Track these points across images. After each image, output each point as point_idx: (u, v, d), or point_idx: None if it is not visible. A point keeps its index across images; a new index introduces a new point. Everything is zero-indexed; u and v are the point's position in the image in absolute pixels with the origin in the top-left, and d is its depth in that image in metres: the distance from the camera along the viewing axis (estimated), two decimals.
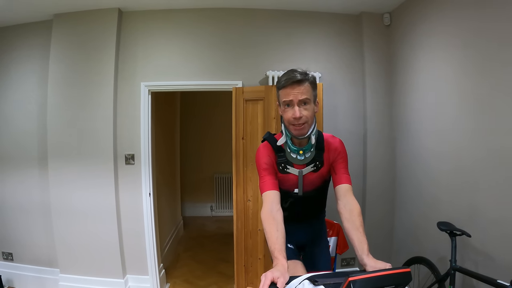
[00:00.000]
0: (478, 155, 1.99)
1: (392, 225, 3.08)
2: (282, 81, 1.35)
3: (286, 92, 1.35)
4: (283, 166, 1.49)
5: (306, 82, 1.34)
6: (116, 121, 2.91)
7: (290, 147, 1.45)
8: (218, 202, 5.80)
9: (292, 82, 1.32)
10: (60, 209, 2.89)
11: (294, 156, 1.45)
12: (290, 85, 1.33)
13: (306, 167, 1.49)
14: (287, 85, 1.34)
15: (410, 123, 2.76)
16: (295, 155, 1.45)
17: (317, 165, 1.49)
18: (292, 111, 1.35)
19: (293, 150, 1.44)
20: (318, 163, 1.49)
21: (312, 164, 1.49)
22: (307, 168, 1.49)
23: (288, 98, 1.34)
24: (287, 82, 1.33)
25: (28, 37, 3.02)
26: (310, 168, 1.49)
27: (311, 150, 1.46)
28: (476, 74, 2.00)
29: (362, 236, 1.26)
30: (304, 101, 1.34)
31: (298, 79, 1.32)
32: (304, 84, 1.34)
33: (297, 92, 1.33)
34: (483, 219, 1.95)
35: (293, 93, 1.33)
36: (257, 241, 2.73)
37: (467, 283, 2.03)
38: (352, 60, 3.08)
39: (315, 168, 1.49)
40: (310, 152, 1.46)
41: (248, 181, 2.74)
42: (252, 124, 2.74)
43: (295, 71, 1.36)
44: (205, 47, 2.97)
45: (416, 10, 2.62)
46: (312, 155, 1.47)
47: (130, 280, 2.99)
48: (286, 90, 1.34)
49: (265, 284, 1.03)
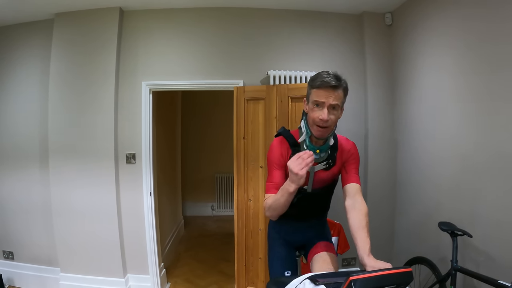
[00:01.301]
0: (480, 155, 1.98)
1: (393, 225, 3.07)
2: (318, 82, 1.36)
3: (319, 93, 1.36)
4: None
5: (340, 89, 1.37)
6: (117, 120, 2.91)
7: (308, 145, 1.47)
8: (219, 202, 5.81)
9: (329, 86, 1.34)
10: (60, 208, 2.89)
11: None
12: (325, 88, 1.34)
13: (318, 164, 1.51)
14: (322, 87, 1.35)
15: (411, 124, 2.75)
16: None
17: (329, 163, 1.52)
18: (321, 112, 1.37)
19: (311, 148, 1.46)
20: (330, 161, 1.52)
21: (324, 162, 1.51)
22: (319, 165, 1.51)
23: (320, 100, 1.36)
24: (323, 85, 1.34)
25: (29, 36, 3.03)
26: (322, 166, 1.51)
27: (327, 150, 1.50)
28: (479, 74, 1.99)
29: (366, 236, 1.27)
30: (333, 106, 1.37)
31: (334, 84, 1.34)
32: (338, 91, 1.36)
33: (331, 97, 1.35)
34: (484, 219, 1.95)
35: (325, 96, 1.35)
36: (258, 240, 2.73)
37: (468, 284, 2.02)
38: (353, 60, 3.07)
39: (327, 166, 1.52)
40: (325, 152, 1.50)
41: (249, 181, 2.74)
42: (253, 123, 2.74)
43: (330, 74, 1.36)
44: (206, 46, 2.97)
45: (418, 10, 2.61)
46: (327, 155, 1.50)
47: (130, 279, 2.99)
48: (319, 91, 1.36)
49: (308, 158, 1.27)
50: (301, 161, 1.27)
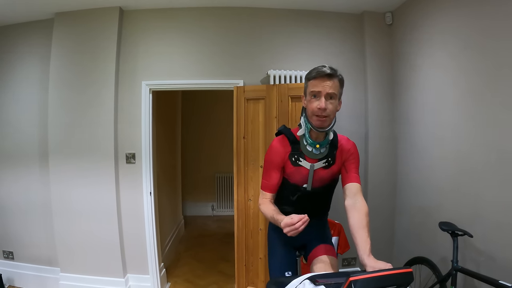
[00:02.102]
0: (481, 155, 1.97)
1: (393, 225, 3.06)
2: (313, 73, 1.40)
3: (315, 83, 1.39)
4: (296, 157, 1.51)
5: (335, 78, 1.39)
6: (117, 120, 2.91)
7: (307, 140, 1.48)
8: (219, 202, 5.80)
9: (324, 74, 1.37)
10: (60, 208, 2.89)
11: (310, 150, 1.49)
12: (321, 77, 1.38)
13: (318, 162, 1.51)
14: (317, 77, 1.38)
15: (412, 123, 2.75)
16: (311, 148, 1.49)
17: (329, 161, 1.52)
18: (318, 102, 1.39)
19: (310, 143, 1.48)
20: (330, 159, 1.52)
21: (324, 160, 1.51)
22: (319, 163, 1.51)
23: (317, 89, 1.38)
24: (318, 74, 1.38)
25: (29, 36, 3.02)
26: (321, 164, 1.51)
27: (327, 145, 1.50)
28: (479, 73, 1.98)
29: (367, 236, 1.26)
30: (331, 95, 1.39)
31: (329, 73, 1.37)
32: (334, 79, 1.39)
33: (326, 85, 1.37)
34: (485, 219, 1.94)
35: (322, 85, 1.38)
36: (258, 240, 2.73)
37: (469, 284, 2.02)
38: (354, 60, 3.07)
39: (326, 164, 1.52)
40: (325, 148, 1.50)
41: (249, 181, 2.73)
42: (253, 123, 2.73)
43: (325, 66, 1.40)
44: (206, 46, 2.96)
45: (418, 9, 2.60)
46: (327, 151, 1.51)
47: (130, 279, 2.99)
48: (315, 82, 1.39)
49: (301, 221, 1.26)
50: (293, 228, 1.26)
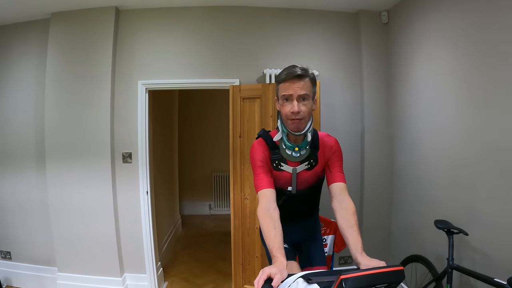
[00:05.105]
0: (476, 153, 1.98)
1: (389, 223, 3.07)
2: (283, 76, 1.35)
3: (286, 86, 1.34)
4: (277, 163, 1.47)
5: (306, 78, 1.34)
6: (114, 119, 2.90)
7: (286, 144, 1.44)
8: (217, 201, 5.80)
9: (293, 76, 1.32)
10: (57, 207, 2.89)
11: (289, 153, 1.45)
12: (290, 79, 1.33)
13: (300, 165, 1.48)
14: (287, 79, 1.33)
15: (408, 121, 2.75)
16: (290, 152, 1.45)
17: (311, 163, 1.48)
18: (291, 105, 1.34)
19: (289, 147, 1.44)
20: (312, 161, 1.48)
21: (306, 162, 1.48)
22: (301, 166, 1.48)
23: (288, 93, 1.34)
24: (288, 77, 1.33)
25: (25, 36, 3.01)
26: (304, 166, 1.48)
27: (306, 147, 1.45)
28: (474, 70, 1.99)
29: (357, 234, 1.26)
30: (303, 97, 1.34)
31: (298, 74, 1.32)
32: (304, 80, 1.33)
33: (297, 87, 1.32)
34: (480, 217, 1.95)
35: (292, 88, 1.32)
36: (255, 239, 2.73)
37: (464, 282, 2.03)
38: (349, 58, 3.07)
39: (309, 166, 1.48)
40: (305, 150, 1.46)
41: (246, 180, 2.74)
42: (249, 122, 2.73)
43: (295, 66, 1.35)
44: (202, 45, 2.96)
45: (413, 7, 2.60)
46: (307, 153, 1.46)
47: (128, 278, 2.99)
48: (286, 84, 1.34)
49: (261, 279, 1.03)
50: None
